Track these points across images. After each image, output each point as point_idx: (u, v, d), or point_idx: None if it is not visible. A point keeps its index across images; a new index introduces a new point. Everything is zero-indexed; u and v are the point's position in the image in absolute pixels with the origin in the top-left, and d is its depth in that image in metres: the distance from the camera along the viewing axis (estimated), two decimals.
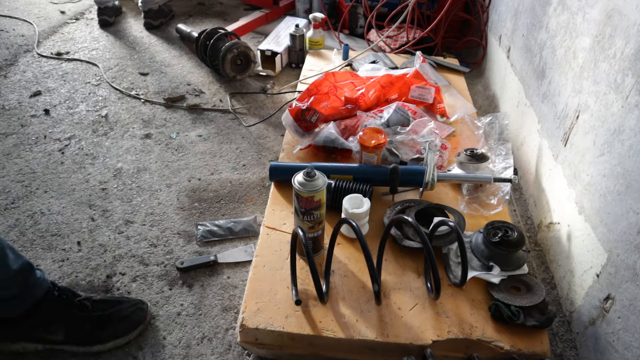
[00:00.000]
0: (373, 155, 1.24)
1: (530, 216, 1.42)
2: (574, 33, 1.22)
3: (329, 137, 1.33)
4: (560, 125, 1.24)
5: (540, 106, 1.41)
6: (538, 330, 0.90)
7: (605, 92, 1.02)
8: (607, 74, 1.02)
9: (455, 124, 1.52)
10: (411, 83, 1.54)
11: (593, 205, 1.03)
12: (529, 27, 1.59)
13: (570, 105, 1.20)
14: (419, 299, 0.96)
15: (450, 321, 0.92)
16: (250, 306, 0.94)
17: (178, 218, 1.37)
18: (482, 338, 0.89)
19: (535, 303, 0.92)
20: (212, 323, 1.09)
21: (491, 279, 0.97)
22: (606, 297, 0.94)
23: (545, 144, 1.34)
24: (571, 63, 1.22)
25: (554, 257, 1.21)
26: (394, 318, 0.92)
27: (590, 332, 0.99)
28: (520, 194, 1.51)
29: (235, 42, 1.97)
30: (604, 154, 1.00)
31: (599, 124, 1.04)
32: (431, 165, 1.15)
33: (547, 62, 1.39)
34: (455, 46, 2.34)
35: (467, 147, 1.29)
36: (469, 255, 1.03)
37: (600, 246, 0.98)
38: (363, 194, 1.09)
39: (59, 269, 1.20)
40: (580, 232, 1.08)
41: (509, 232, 1.00)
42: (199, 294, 1.15)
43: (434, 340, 0.89)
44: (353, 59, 1.96)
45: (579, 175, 1.11)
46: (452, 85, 1.77)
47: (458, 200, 1.23)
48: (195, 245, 1.29)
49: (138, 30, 2.53)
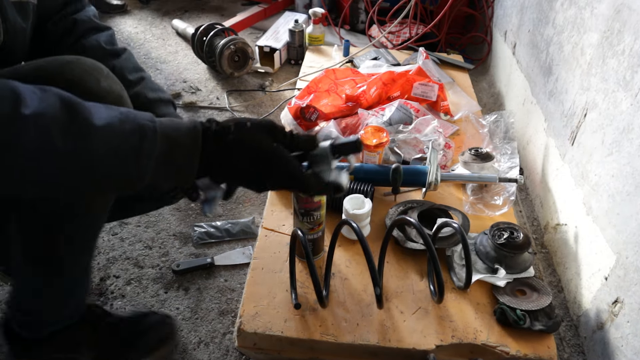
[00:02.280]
0: (375, 155, 1.24)
1: (536, 217, 1.42)
2: (581, 28, 1.22)
3: (329, 136, 1.33)
4: (568, 123, 1.24)
5: (546, 104, 1.41)
6: (545, 335, 0.90)
7: (613, 89, 1.02)
8: (615, 71, 1.02)
9: (459, 122, 1.52)
10: (414, 80, 1.54)
11: (601, 206, 1.03)
12: (535, 22, 1.59)
13: (578, 103, 1.19)
14: (421, 302, 0.96)
15: (454, 325, 0.92)
16: (248, 310, 0.93)
17: (174, 219, 1.37)
18: (487, 343, 0.89)
19: (542, 307, 0.91)
20: (209, 327, 1.09)
21: (496, 281, 0.97)
22: (615, 301, 0.94)
23: (552, 143, 1.34)
24: (579, 59, 1.22)
25: (561, 259, 1.21)
26: (396, 322, 0.92)
27: (598, 336, 0.99)
28: (526, 195, 1.51)
29: (232, 38, 1.97)
30: (613, 154, 1.00)
31: (608, 122, 1.04)
32: (434, 165, 1.15)
33: (554, 59, 1.39)
34: (459, 42, 2.34)
35: (471, 146, 1.29)
36: (473, 258, 1.03)
37: (609, 248, 0.98)
38: (364, 195, 1.09)
39: None
40: (588, 233, 1.08)
41: (514, 234, 1.00)
42: (195, 297, 1.15)
43: (437, 345, 0.89)
44: (354, 56, 1.96)
45: (586, 175, 1.11)
46: (456, 82, 1.77)
47: (462, 200, 1.22)
48: (192, 247, 1.28)
49: (133, 27, 2.53)
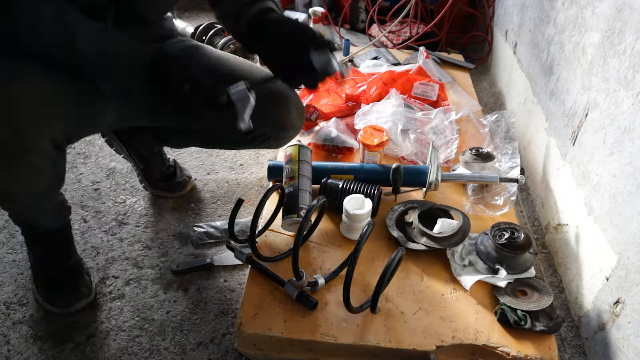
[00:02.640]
0: (376, 154, 1.24)
1: (537, 217, 1.42)
2: (582, 28, 1.22)
3: (328, 135, 1.33)
4: (569, 123, 1.24)
5: (547, 104, 1.41)
6: (546, 336, 0.90)
7: (615, 89, 1.02)
8: (617, 70, 1.02)
9: (460, 122, 1.52)
10: (414, 80, 1.55)
11: (602, 206, 1.03)
12: (536, 21, 1.59)
13: (579, 103, 1.20)
14: (422, 302, 0.96)
15: (455, 326, 0.92)
16: (247, 310, 0.94)
17: (173, 219, 1.37)
18: (488, 343, 0.89)
19: (543, 307, 0.92)
20: (208, 328, 1.09)
21: (497, 282, 0.97)
22: (616, 301, 0.94)
23: (553, 142, 1.34)
24: (580, 59, 1.22)
25: (562, 259, 1.21)
26: (396, 323, 0.92)
27: (600, 337, 0.99)
28: (527, 195, 1.51)
29: (231, 38, 1.97)
30: (614, 153, 1.00)
31: (609, 122, 1.04)
32: (435, 165, 1.15)
33: (555, 58, 1.39)
34: (459, 42, 2.34)
35: (472, 146, 1.29)
36: (474, 258, 1.03)
37: (610, 248, 0.98)
38: (371, 198, 1.09)
39: None
40: (589, 233, 1.08)
41: (515, 234, 1.00)
42: (194, 297, 1.15)
43: (438, 346, 0.89)
44: (354, 55, 1.97)
45: (587, 175, 1.11)
46: (457, 82, 1.77)
47: (463, 200, 1.23)
48: (191, 247, 1.29)
49: None
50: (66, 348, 1.04)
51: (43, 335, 1.06)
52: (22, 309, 1.11)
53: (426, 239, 1.05)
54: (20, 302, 1.13)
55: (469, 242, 1.06)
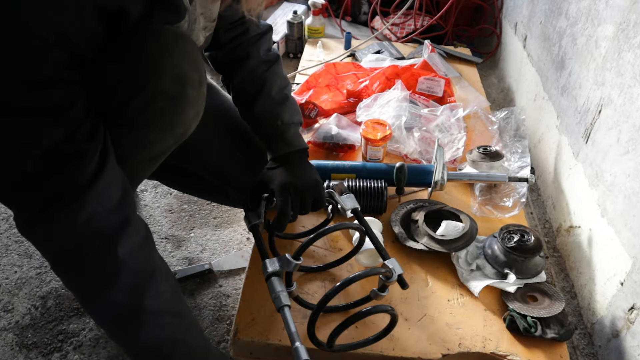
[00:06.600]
0: (379, 149, 1.24)
1: (548, 219, 1.42)
2: (596, 20, 1.22)
3: (328, 132, 1.33)
4: (581, 120, 1.24)
5: (559, 100, 1.41)
6: (557, 343, 0.90)
7: (630, 84, 1.02)
8: (632, 64, 1.02)
9: (467, 119, 1.52)
10: (419, 75, 1.54)
11: (617, 208, 1.03)
12: (547, 13, 1.59)
13: (592, 99, 1.20)
14: (427, 309, 0.96)
15: (462, 333, 0.92)
16: (244, 317, 0.94)
17: (166, 221, 1.37)
18: (496, 352, 0.89)
19: (554, 314, 0.92)
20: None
21: (506, 287, 0.97)
22: (631, 307, 0.94)
23: (564, 140, 1.34)
24: (593, 53, 1.22)
25: (574, 263, 1.21)
26: (400, 330, 0.92)
27: (614, 345, 0.99)
28: (538, 195, 1.51)
29: None
30: (629, 152, 1.00)
31: (623, 119, 1.04)
32: (440, 164, 1.15)
33: (567, 52, 1.39)
34: (467, 34, 2.34)
35: (480, 144, 1.29)
36: (482, 262, 1.03)
37: (625, 252, 0.98)
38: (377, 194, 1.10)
39: (37, 277, 1.20)
40: (603, 236, 1.08)
41: (525, 237, 1.00)
42: (189, 303, 1.15)
43: (444, 354, 0.89)
44: (356, 49, 1.97)
45: (601, 174, 1.11)
46: (464, 77, 1.77)
47: (470, 201, 1.22)
48: (185, 250, 1.29)
49: None
50: (53, 357, 1.04)
51: (29, 343, 1.06)
52: (7, 316, 1.11)
53: (427, 239, 1.05)
54: (5, 309, 1.13)
55: (477, 244, 1.06)
